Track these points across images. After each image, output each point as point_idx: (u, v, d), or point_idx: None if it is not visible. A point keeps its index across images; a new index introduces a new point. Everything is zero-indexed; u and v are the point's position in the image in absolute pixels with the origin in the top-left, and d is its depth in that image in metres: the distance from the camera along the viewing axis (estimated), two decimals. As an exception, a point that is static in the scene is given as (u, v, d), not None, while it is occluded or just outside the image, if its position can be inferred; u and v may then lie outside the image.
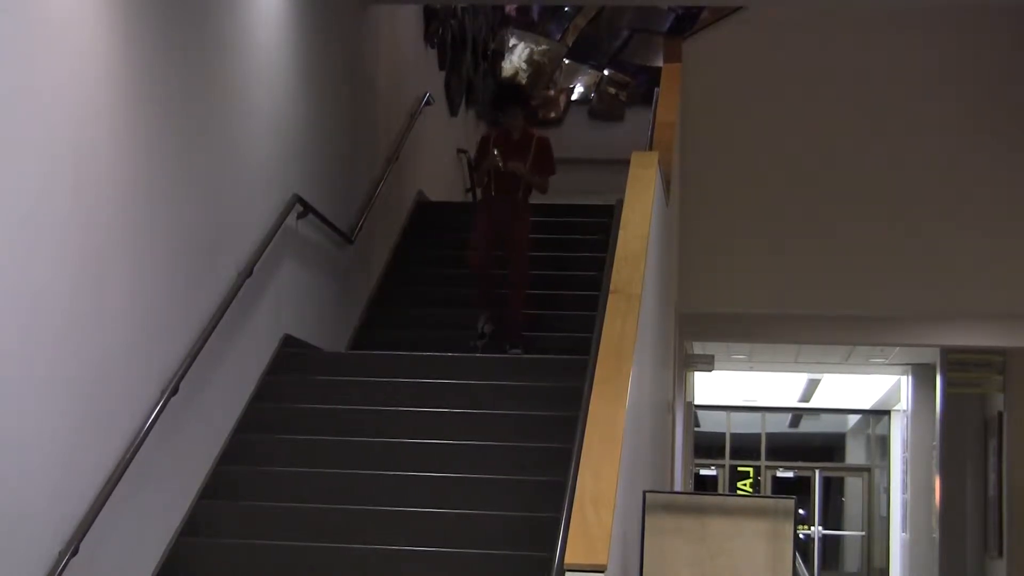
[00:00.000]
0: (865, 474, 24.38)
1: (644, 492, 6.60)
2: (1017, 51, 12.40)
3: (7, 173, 5.05)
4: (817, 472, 24.46)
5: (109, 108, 5.93)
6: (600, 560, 4.94)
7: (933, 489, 18.39)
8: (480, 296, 9.59)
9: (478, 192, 10.39)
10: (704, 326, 13.56)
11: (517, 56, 16.40)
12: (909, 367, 19.74)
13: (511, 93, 10.20)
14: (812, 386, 22.80)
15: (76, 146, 5.63)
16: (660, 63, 13.28)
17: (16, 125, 5.12)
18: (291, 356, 8.33)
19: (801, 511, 21.32)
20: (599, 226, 10.24)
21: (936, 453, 18.32)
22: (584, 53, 16.80)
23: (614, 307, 6.52)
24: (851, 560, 24.93)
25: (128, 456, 6.01)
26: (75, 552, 5.52)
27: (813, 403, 24.22)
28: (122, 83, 6.04)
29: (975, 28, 12.34)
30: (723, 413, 24.31)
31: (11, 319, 5.10)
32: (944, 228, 12.30)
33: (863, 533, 24.16)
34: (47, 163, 5.37)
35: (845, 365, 19.77)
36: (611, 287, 6.71)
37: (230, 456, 7.37)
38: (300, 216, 8.58)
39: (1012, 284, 12.26)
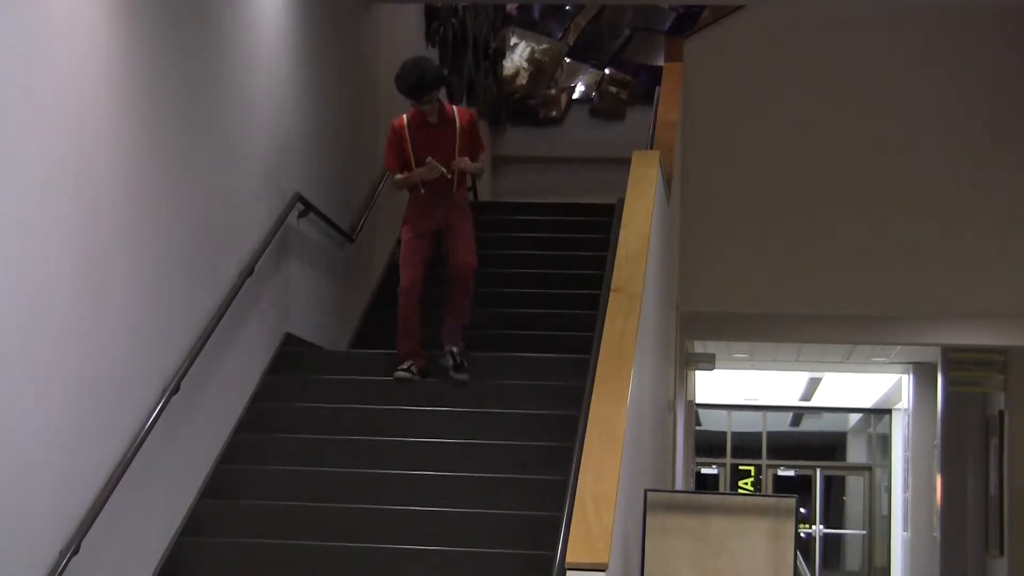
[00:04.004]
0: (866, 473, 24.39)
1: (645, 491, 6.59)
2: (1017, 52, 12.40)
3: (8, 173, 5.04)
4: (818, 471, 24.47)
5: (110, 108, 5.93)
6: (601, 559, 4.94)
7: (934, 488, 18.40)
8: (402, 335, 8.15)
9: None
10: (705, 325, 13.56)
11: (518, 55, 16.40)
12: (910, 366, 19.75)
13: (420, 80, 7.90)
14: (813, 385, 22.82)
15: (77, 146, 5.62)
16: (661, 62, 13.28)
17: (17, 125, 5.11)
18: (292, 355, 8.33)
19: (802, 510, 21.34)
20: (600, 225, 10.23)
21: (937, 452, 18.33)
22: (585, 52, 16.79)
23: (615, 306, 6.52)
24: (852, 559, 24.95)
25: (129, 455, 6.01)
26: (76, 551, 5.52)
27: (814, 402, 24.24)
28: (123, 83, 6.04)
29: (976, 29, 12.34)
30: (724, 412, 24.33)
31: (11, 319, 5.10)
32: (945, 228, 12.32)
33: (864, 532, 24.18)
34: (48, 163, 5.36)
35: (846, 364, 19.78)
36: (612, 286, 6.71)
37: (231, 455, 7.37)
38: (301, 215, 8.58)
39: (1013, 283, 12.28)
